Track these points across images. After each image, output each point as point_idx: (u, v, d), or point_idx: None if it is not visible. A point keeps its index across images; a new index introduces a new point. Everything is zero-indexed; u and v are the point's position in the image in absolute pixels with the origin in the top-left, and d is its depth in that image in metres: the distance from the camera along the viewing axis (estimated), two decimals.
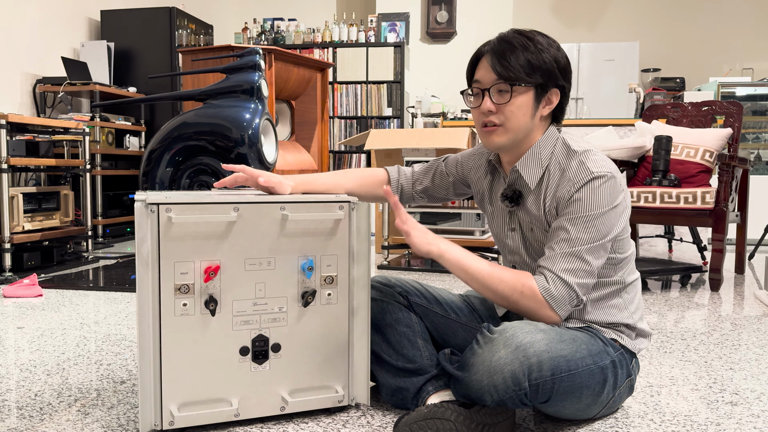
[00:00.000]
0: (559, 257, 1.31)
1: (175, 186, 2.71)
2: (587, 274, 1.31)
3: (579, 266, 1.30)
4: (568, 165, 1.36)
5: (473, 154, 1.60)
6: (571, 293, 1.31)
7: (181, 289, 1.31)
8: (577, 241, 1.30)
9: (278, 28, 6.65)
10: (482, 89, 1.37)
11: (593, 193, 1.31)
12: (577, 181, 1.32)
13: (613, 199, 1.32)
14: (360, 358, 1.46)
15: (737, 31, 6.77)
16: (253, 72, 2.72)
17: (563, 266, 1.30)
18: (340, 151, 6.52)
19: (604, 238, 1.32)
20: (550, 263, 1.32)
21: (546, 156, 1.39)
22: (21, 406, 1.53)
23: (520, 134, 1.38)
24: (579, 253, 1.30)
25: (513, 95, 1.34)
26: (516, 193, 1.43)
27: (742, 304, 2.78)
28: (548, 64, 1.35)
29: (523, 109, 1.36)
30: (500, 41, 1.36)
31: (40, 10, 4.63)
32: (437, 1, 6.54)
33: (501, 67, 1.34)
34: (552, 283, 1.30)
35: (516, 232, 1.46)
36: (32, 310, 2.57)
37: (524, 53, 1.33)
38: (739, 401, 1.58)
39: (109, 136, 4.72)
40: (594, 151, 1.37)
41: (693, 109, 3.58)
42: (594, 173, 1.31)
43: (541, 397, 1.26)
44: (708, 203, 3.01)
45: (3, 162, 3.27)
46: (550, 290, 1.30)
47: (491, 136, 1.39)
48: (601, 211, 1.31)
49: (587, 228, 1.31)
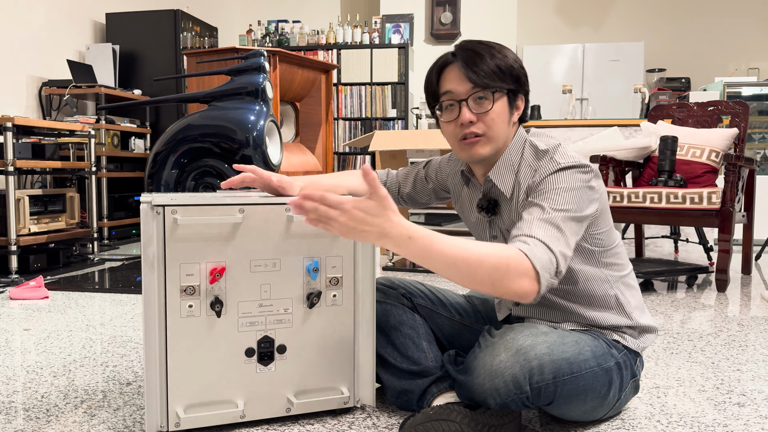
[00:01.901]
0: (535, 223, 1.21)
1: (180, 188, 2.71)
2: (565, 244, 1.21)
3: (555, 234, 1.21)
4: (538, 165, 1.33)
5: (449, 161, 1.57)
6: (552, 259, 1.18)
7: (186, 290, 1.31)
8: (548, 210, 1.23)
9: (282, 30, 6.66)
10: (457, 100, 1.32)
11: (562, 176, 1.27)
12: (545, 172, 1.29)
13: (585, 180, 1.27)
14: (365, 359, 1.46)
15: (743, 30, 6.75)
16: (258, 74, 2.73)
17: (542, 233, 1.20)
18: (344, 152, 6.52)
19: (577, 212, 1.24)
20: (527, 228, 1.21)
21: (516, 161, 1.36)
22: (27, 407, 1.53)
23: (500, 142, 1.34)
24: (554, 221, 1.22)
25: (494, 102, 1.31)
26: (492, 203, 1.41)
27: (749, 304, 2.76)
28: (516, 69, 1.33)
29: (502, 116, 1.33)
30: (463, 50, 1.32)
31: (45, 14, 4.65)
32: (441, 2, 6.54)
33: (475, 75, 1.29)
34: (534, 245, 1.18)
35: (498, 239, 1.45)
36: (38, 312, 2.58)
37: (492, 60, 1.30)
38: (747, 402, 1.57)
39: (115, 138, 4.73)
40: (563, 146, 1.34)
41: (699, 110, 3.57)
42: (561, 164, 1.28)
43: (543, 400, 1.25)
44: (714, 204, 3.00)
45: (9, 164, 3.28)
46: (535, 252, 1.16)
47: (474, 148, 1.33)
48: (571, 186, 1.25)
49: (558, 200, 1.24)
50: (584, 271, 1.36)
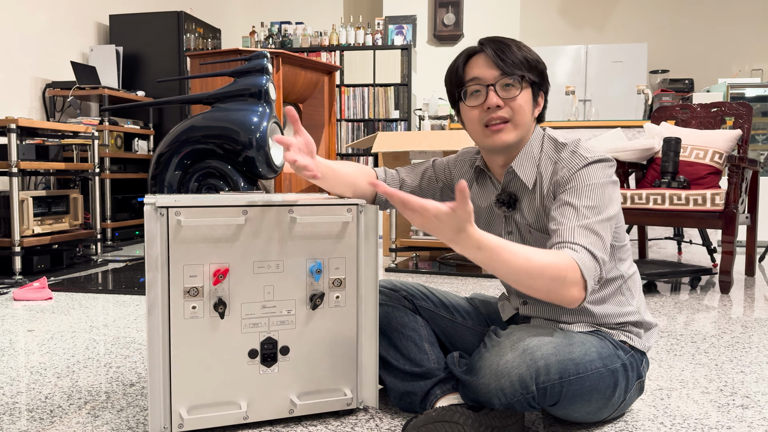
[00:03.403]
0: (575, 230, 1.24)
1: (183, 189, 2.72)
2: (604, 249, 1.25)
3: (596, 241, 1.24)
4: (559, 157, 1.35)
5: (457, 161, 1.57)
6: (596, 266, 1.22)
7: (190, 292, 1.31)
8: (585, 211, 1.26)
9: (285, 32, 6.67)
10: (485, 85, 1.34)
11: (591, 171, 1.30)
12: (573, 166, 1.32)
13: (610, 175, 1.32)
14: (368, 360, 1.46)
15: (746, 32, 6.74)
16: (261, 75, 2.73)
17: (585, 240, 1.23)
18: (347, 153, 6.52)
19: (608, 210, 1.28)
20: (569, 236, 1.24)
21: (537, 153, 1.38)
22: (31, 408, 1.54)
23: (524, 131, 1.37)
24: (592, 226, 1.25)
25: (522, 88, 1.34)
26: (512, 197, 1.41)
27: (753, 306, 2.76)
28: (540, 65, 1.37)
29: (527, 105, 1.36)
30: (492, 41, 1.36)
31: (49, 16, 4.66)
32: (444, 3, 6.54)
33: (504, 63, 1.32)
34: (583, 254, 1.21)
35: (514, 235, 1.45)
36: (42, 313, 2.59)
37: (519, 51, 1.34)
38: (750, 404, 1.57)
39: (118, 139, 4.74)
40: (582, 141, 1.37)
41: (702, 111, 3.56)
42: (587, 158, 1.31)
43: (549, 401, 1.25)
44: (717, 205, 2.99)
45: (13, 166, 3.29)
46: (585, 262, 1.20)
47: (499, 135, 1.34)
48: (601, 181, 1.29)
49: (591, 196, 1.27)
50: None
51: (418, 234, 3.82)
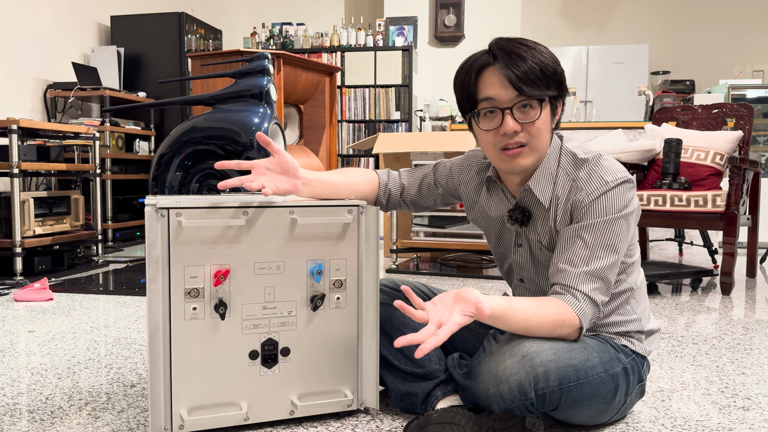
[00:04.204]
0: (582, 277, 1.26)
1: (184, 190, 2.72)
2: (607, 291, 1.29)
3: (601, 286, 1.27)
4: (577, 175, 1.30)
5: (462, 167, 1.51)
6: (596, 311, 1.28)
7: (191, 293, 1.31)
8: (598, 251, 1.25)
9: (287, 33, 6.68)
10: (501, 108, 1.24)
11: (607, 201, 1.27)
12: (592, 191, 1.27)
13: (627, 204, 1.28)
14: (369, 362, 1.46)
15: (747, 33, 6.74)
16: (262, 76, 2.73)
17: (589, 286, 1.26)
18: (348, 154, 6.52)
19: (619, 247, 1.28)
20: (574, 281, 1.26)
21: (554, 169, 1.32)
22: (32, 409, 1.54)
23: (543, 152, 1.30)
24: (600, 272, 1.26)
25: (541, 111, 1.24)
26: (525, 214, 1.37)
27: (754, 307, 2.75)
28: (559, 72, 1.27)
29: (546, 125, 1.27)
30: (504, 52, 1.23)
31: (50, 16, 4.66)
32: (445, 4, 6.54)
33: (521, 82, 1.21)
34: (583, 303, 1.26)
35: (523, 248, 1.42)
36: (43, 313, 2.59)
37: (535, 63, 1.23)
38: (752, 406, 1.57)
39: (119, 140, 4.75)
40: (602, 156, 1.32)
41: (703, 112, 3.56)
42: (608, 182, 1.27)
43: (548, 406, 1.25)
44: (719, 206, 2.99)
45: (14, 167, 3.29)
46: (584, 311, 1.26)
47: (517, 160, 1.27)
48: (617, 215, 1.26)
49: (606, 234, 1.26)
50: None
51: (418, 235, 3.82)
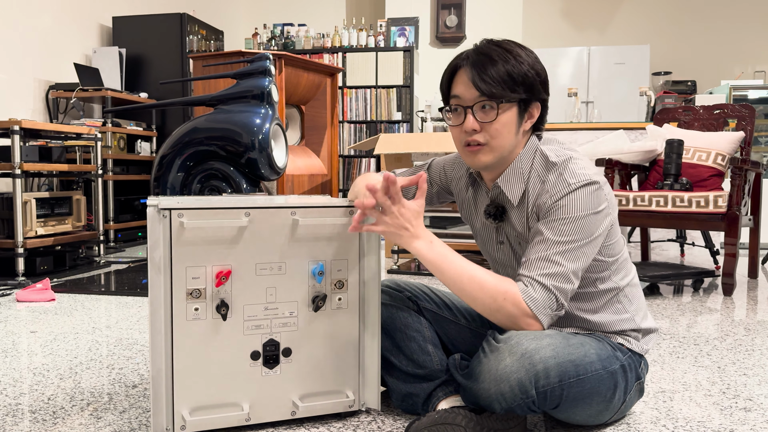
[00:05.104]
0: (534, 262, 1.27)
1: (186, 191, 2.72)
2: (563, 278, 1.26)
3: (554, 270, 1.26)
4: (546, 178, 1.32)
5: (454, 164, 1.55)
6: (550, 297, 1.26)
7: (192, 293, 1.31)
8: (551, 244, 1.27)
9: (288, 34, 6.68)
10: (463, 106, 1.31)
11: (571, 202, 1.27)
12: (555, 193, 1.29)
13: (594, 205, 1.28)
14: (371, 362, 1.46)
15: (749, 33, 6.73)
16: (264, 77, 2.74)
17: (539, 271, 1.26)
18: (349, 155, 6.53)
19: (581, 241, 1.27)
20: (527, 269, 1.28)
21: (526, 170, 1.35)
22: (34, 410, 1.54)
23: (505, 152, 1.34)
24: (552, 257, 1.26)
25: (498, 113, 1.29)
26: (499, 209, 1.40)
27: (756, 308, 2.75)
28: (530, 77, 1.29)
29: (508, 127, 1.31)
30: (478, 54, 1.30)
31: (52, 17, 4.67)
32: (447, 5, 6.54)
33: (483, 83, 1.27)
34: (531, 286, 1.26)
35: (505, 245, 1.44)
36: (45, 314, 2.59)
37: (505, 66, 1.27)
38: (753, 407, 1.57)
39: (121, 141, 4.75)
40: (574, 158, 1.33)
41: (705, 113, 3.56)
42: (571, 185, 1.28)
43: (550, 404, 1.25)
44: (720, 207, 2.99)
45: (16, 167, 3.30)
46: (531, 294, 1.25)
47: (476, 156, 1.33)
48: (579, 215, 1.27)
49: (562, 231, 1.27)
50: (591, 279, 1.37)
51: None
